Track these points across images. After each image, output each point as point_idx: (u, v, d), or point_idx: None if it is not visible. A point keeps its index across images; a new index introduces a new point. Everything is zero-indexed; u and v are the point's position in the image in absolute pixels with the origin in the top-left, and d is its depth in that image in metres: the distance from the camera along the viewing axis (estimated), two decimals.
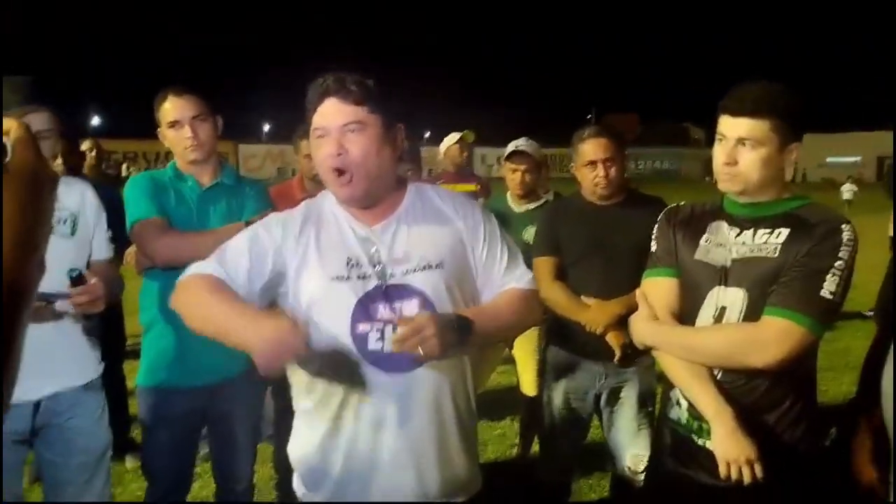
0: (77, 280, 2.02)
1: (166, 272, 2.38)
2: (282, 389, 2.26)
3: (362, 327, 1.66)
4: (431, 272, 1.70)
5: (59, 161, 3.83)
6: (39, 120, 2.06)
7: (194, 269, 1.72)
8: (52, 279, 2.02)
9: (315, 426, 1.72)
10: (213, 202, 2.52)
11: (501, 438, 4.29)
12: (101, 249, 2.36)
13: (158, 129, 2.53)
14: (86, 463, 2.24)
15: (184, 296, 1.69)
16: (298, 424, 1.80)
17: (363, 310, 1.67)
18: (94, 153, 5.14)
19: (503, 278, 1.80)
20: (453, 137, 5.14)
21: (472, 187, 5.11)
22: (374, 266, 1.69)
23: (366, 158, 1.66)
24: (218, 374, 2.44)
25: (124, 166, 27.89)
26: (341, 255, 1.70)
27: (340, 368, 1.64)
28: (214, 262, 1.72)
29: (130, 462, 3.86)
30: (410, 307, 1.67)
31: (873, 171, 47.17)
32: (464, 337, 1.61)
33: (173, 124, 2.45)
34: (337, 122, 1.66)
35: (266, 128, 66.45)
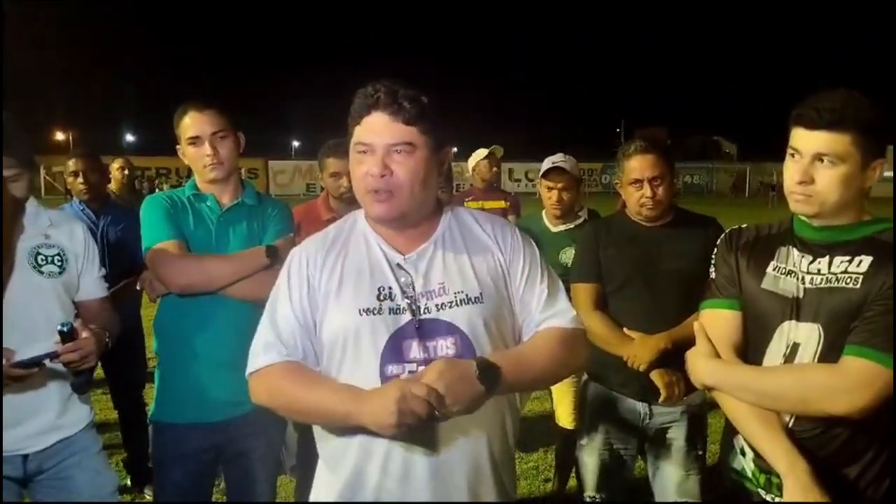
0: (68, 335, 1.90)
1: (182, 299, 2.26)
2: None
3: (392, 368, 1.50)
4: (470, 307, 1.54)
5: (81, 180, 3.76)
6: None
7: (262, 360, 1.57)
8: (39, 321, 1.99)
9: (336, 475, 1.57)
10: (233, 223, 2.38)
11: (534, 472, 4.07)
12: (93, 289, 2.26)
13: (178, 146, 2.40)
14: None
15: (269, 394, 1.57)
16: (320, 472, 1.65)
17: (394, 348, 1.50)
18: (125, 172, 5.11)
19: (541, 314, 1.61)
20: (482, 153, 4.98)
21: (501, 204, 4.95)
22: (408, 298, 1.53)
23: (411, 182, 1.51)
24: (234, 409, 2.28)
25: (156, 182, 28.28)
26: (372, 285, 1.54)
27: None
28: (274, 342, 1.57)
29: (150, 495, 3.73)
30: (446, 346, 1.50)
31: None
32: (490, 387, 1.43)
33: (193, 141, 2.33)
34: (384, 141, 1.50)
35: (295, 144, 67.24)
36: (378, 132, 1.50)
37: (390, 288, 1.54)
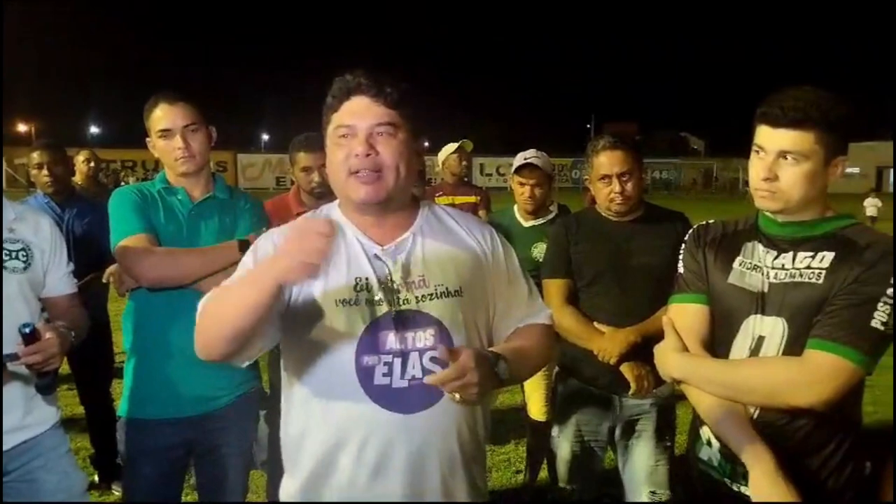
0: (30, 336, 1.84)
1: (153, 293, 2.23)
2: (277, 415, 2.12)
3: (368, 359, 1.50)
4: (450, 300, 1.55)
5: (45, 172, 3.69)
6: None
7: (198, 308, 1.51)
8: (3, 318, 1.91)
9: (306, 467, 1.56)
10: (204, 217, 2.36)
11: (506, 464, 4.10)
12: (61, 285, 2.20)
13: (147, 139, 2.37)
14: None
15: (198, 330, 1.48)
16: (291, 465, 1.63)
17: (370, 339, 1.50)
18: (91, 164, 5.02)
19: (525, 310, 1.68)
20: (452, 147, 5.00)
21: (472, 199, 4.96)
22: (386, 290, 1.52)
23: (397, 162, 1.51)
24: (206, 404, 2.27)
25: (121, 175, 27.75)
26: (349, 276, 1.53)
27: None
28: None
29: (118, 491, 3.68)
30: (425, 338, 1.51)
31: (872, 181, 47.26)
32: (501, 380, 1.48)
33: (164, 133, 2.30)
34: (367, 122, 1.50)
35: (265, 137, 66.50)
36: (360, 114, 1.51)
37: (367, 279, 1.53)
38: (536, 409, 3.50)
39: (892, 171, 47.48)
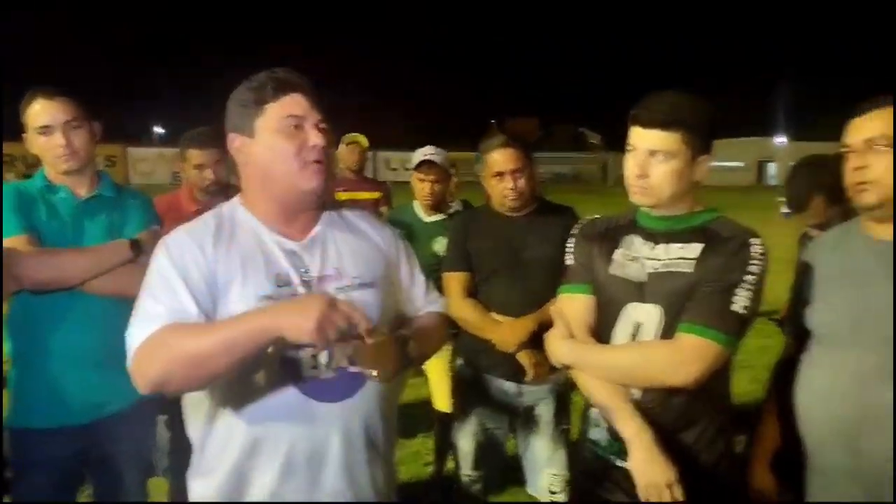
0: None
1: (37, 296, 2.13)
2: (177, 420, 2.07)
3: (293, 352, 1.51)
4: (367, 290, 1.62)
5: None
6: None
7: (147, 328, 1.41)
8: None
9: (227, 469, 1.53)
10: (90, 216, 2.27)
11: (415, 457, 4.16)
12: None
13: (24, 135, 2.25)
14: None
15: (165, 359, 1.38)
16: (204, 469, 1.58)
17: None
18: None
19: (424, 301, 1.80)
20: (343, 140, 5.04)
21: (374, 195, 4.99)
22: (304, 284, 1.56)
23: (331, 156, 1.64)
24: (97, 411, 2.19)
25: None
26: (268, 272, 1.55)
27: None
28: (159, 310, 1.44)
29: None
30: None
31: (754, 175, 50.38)
32: (410, 359, 1.56)
33: (44, 130, 2.20)
34: (314, 116, 1.57)
35: (158, 130, 63.45)
36: (306, 108, 1.57)
37: (287, 274, 1.56)
38: (441, 400, 3.57)
39: (771, 164, 50.65)
